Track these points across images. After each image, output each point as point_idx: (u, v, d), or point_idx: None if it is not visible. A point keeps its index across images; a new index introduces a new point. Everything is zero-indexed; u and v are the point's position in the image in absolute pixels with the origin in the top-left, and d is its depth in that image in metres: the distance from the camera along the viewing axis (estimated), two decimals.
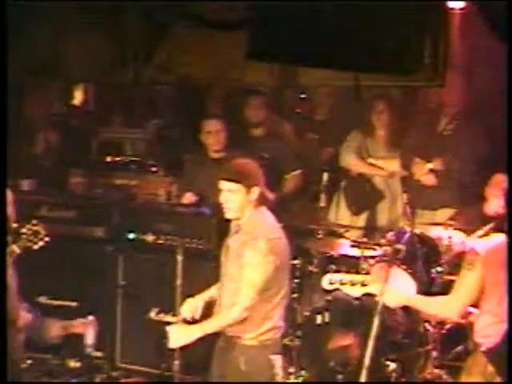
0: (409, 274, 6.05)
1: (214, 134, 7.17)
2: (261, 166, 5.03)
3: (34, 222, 5.49)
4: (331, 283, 4.74)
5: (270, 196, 5.15)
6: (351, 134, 7.75)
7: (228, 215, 4.93)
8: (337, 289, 4.81)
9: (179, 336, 4.87)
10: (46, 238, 5.46)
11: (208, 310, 5.06)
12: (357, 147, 7.70)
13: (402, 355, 6.05)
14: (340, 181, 7.78)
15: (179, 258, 5.30)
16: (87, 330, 6.10)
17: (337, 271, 5.76)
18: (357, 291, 4.69)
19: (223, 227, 5.25)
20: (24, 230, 5.40)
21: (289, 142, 8.02)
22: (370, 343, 4.51)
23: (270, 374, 4.88)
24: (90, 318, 6.16)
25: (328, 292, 6.04)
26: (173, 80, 8.99)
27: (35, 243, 5.44)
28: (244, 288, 4.78)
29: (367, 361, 4.52)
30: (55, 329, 6.10)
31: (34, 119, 8.26)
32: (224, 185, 4.88)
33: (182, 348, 5.02)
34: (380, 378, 5.96)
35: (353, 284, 4.66)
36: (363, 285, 4.65)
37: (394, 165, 7.57)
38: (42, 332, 6.05)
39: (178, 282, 5.25)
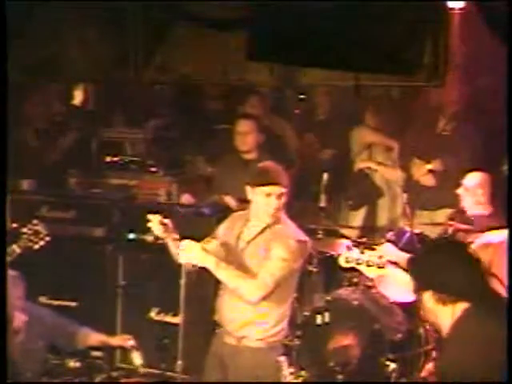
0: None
1: (242, 135, 7.14)
2: None
3: (35, 221, 5.47)
4: (348, 261, 4.70)
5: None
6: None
7: (265, 220, 4.83)
8: (352, 268, 4.78)
9: (193, 252, 4.72)
10: (47, 238, 5.44)
11: None
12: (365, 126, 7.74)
13: (402, 355, 6.05)
14: (340, 179, 7.77)
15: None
16: (126, 345, 5.98)
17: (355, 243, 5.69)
18: (373, 272, 4.65)
19: None
20: (25, 230, 5.38)
21: (287, 141, 8.02)
22: None
23: (277, 376, 4.86)
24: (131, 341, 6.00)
25: (344, 270, 6.00)
26: (173, 80, 8.99)
27: (36, 243, 5.42)
28: (263, 273, 4.72)
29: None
30: (90, 340, 6.00)
31: (34, 119, 8.26)
32: (265, 189, 4.77)
33: (185, 348, 5.00)
34: (380, 378, 5.96)
35: (369, 265, 4.62)
36: (379, 267, 4.62)
37: None
38: (71, 339, 5.95)
39: (183, 281, 5.19)
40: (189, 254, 4.73)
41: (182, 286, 5.04)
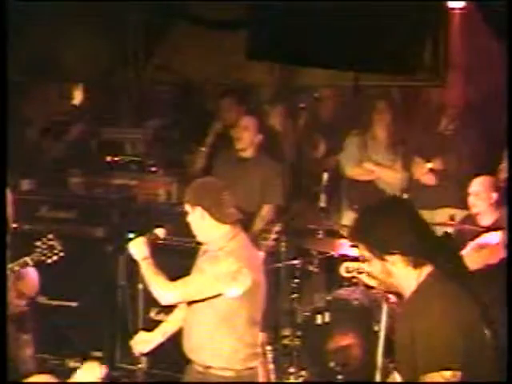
0: None
1: (240, 131, 6.99)
2: None
3: (50, 236, 5.38)
4: (348, 271, 4.69)
5: (234, 213, 4.76)
6: (346, 140, 7.65)
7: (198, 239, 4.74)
8: (353, 277, 4.76)
9: (134, 242, 4.77)
10: (61, 254, 5.37)
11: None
12: (355, 153, 7.57)
13: None
14: (341, 180, 7.74)
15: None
16: None
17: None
18: (373, 281, 4.65)
19: None
20: (39, 244, 5.31)
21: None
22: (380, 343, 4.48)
23: None
24: None
25: (345, 279, 6.00)
26: (173, 80, 9.00)
27: (49, 257, 5.33)
28: (181, 280, 4.57)
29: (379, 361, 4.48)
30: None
31: (33, 119, 8.26)
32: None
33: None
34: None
35: (370, 274, 4.63)
36: None
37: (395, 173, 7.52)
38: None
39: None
40: (132, 243, 4.74)
41: None
